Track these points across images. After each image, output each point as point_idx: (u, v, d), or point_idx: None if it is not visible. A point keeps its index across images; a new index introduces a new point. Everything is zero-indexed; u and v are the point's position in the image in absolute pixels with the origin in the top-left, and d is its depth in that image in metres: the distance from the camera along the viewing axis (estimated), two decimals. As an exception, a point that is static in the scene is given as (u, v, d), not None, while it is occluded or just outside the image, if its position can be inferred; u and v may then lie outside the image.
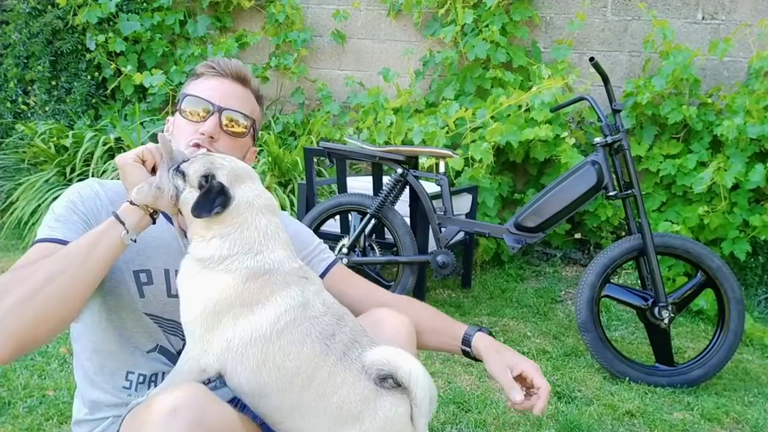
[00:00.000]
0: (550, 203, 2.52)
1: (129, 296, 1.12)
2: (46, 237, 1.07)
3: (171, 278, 1.13)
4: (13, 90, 4.48)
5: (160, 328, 1.15)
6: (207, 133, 1.16)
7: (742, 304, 2.33)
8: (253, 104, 1.24)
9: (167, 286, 1.14)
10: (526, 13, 3.80)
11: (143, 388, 1.15)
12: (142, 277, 1.13)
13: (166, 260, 1.14)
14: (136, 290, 1.12)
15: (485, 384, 2.26)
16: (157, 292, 1.13)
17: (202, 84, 1.21)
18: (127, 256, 1.09)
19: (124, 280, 1.12)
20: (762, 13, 3.59)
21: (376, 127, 3.74)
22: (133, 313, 1.13)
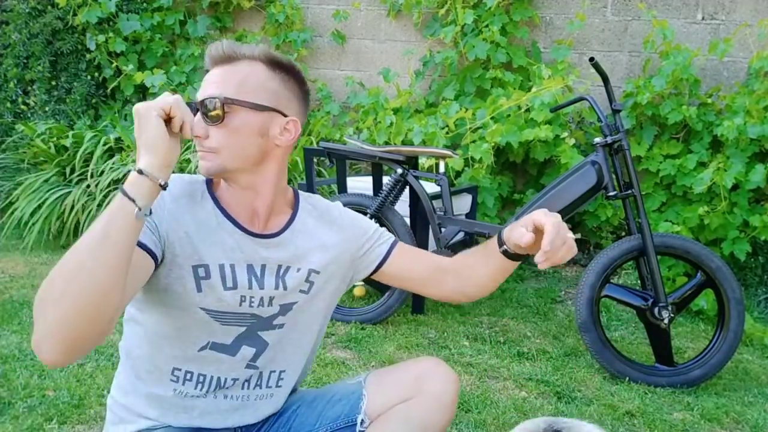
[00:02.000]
0: (549, 203, 2.51)
1: (185, 292, 1.11)
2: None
3: (226, 272, 1.12)
4: (13, 90, 4.48)
5: (216, 320, 1.14)
6: (194, 134, 1.05)
7: (742, 304, 2.33)
8: (246, 74, 1.10)
9: (223, 280, 1.12)
10: (526, 13, 3.80)
11: (190, 384, 1.16)
12: (200, 272, 1.11)
13: (221, 255, 1.12)
14: (194, 285, 1.11)
15: (485, 384, 2.26)
16: (213, 286, 1.12)
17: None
18: (186, 252, 1.09)
19: (182, 276, 1.10)
20: (762, 13, 3.59)
21: (376, 127, 3.74)
22: (188, 309, 1.12)
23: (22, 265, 3.40)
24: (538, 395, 2.20)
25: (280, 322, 1.19)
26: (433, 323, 2.86)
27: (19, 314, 2.63)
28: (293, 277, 1.19)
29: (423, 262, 1.30)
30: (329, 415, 1.25)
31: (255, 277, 1.15)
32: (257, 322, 1.17)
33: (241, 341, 1.16)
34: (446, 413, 1.21)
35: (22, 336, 2.41)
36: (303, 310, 1.22)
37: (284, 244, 1.18)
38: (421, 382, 1.21)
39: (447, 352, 2.53)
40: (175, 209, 1.10)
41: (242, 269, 1.14)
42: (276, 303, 1.18)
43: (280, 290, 1.17)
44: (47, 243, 3.78)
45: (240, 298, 1.14)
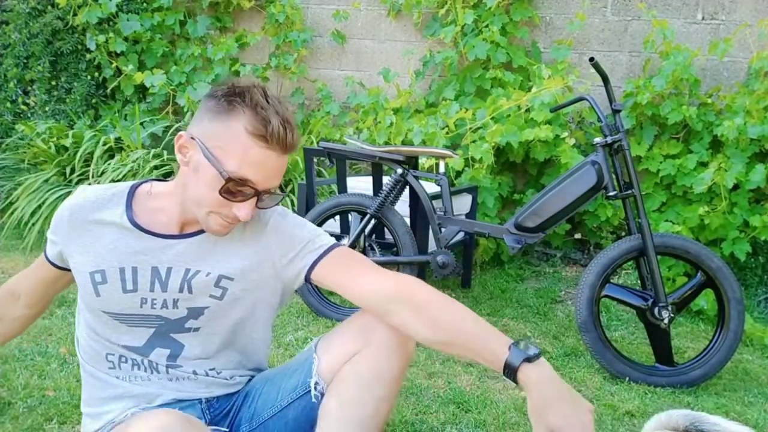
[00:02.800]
0: (550, 203, 2.52)
1: (88, 297, 1.19)
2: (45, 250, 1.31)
3: (126, 276, 1.17)
4: (13, 90, 4.48)
5: (121, 322, 1.19)
6: (243, 219, 1.12)
7: (742, 304, 2.32)
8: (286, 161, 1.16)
9: (122, 283, 1.17)
10: (526, 13, 3.80)
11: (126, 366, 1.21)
12: (96, 277, 1.18)
13: (122, 259, 1.18)
14: (92, 290, 1.18)
15: (485, 384, 2.26)
16: (112, 290, 1.17)
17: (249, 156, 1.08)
18: (85, 260, 1.19)
19: (83, 282, 1.20)
20: (762, 13, 3.59)
21: (376, 127, 3.74)
22: (93, 312, 1.21)
23: (22, 265, 3.40)
24: (538, 395, 2.20)
25: (194, 325, 1.20)
26: (433, 323, 2.85)
27: (19, 314, 2.63)
28: (201, 281, 1.18)
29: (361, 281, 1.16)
30: (287, 386, 1.24)
31: (159, 279, 1.17)
32: (165, 324, 1.19)
33: (153, 342, 1.20)
34: (397, 357, 1.15)
35: (22, 336, 2.41)
36: (220, 316, 1.20)
37: (198, 246, 1.19)
38: (368, 332, 1.16)
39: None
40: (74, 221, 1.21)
41: (146, 271, 1.17)
42: (182, 306, 1.18)
43: (185, 293, 1.18)
44: (47, 243, 3.77)
45: (141, 300, 1.17)
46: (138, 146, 3.89)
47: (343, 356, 1.17)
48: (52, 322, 2.57)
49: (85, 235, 1.20)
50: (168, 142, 4.05)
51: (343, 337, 1.19)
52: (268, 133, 1.07)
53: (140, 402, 1.20)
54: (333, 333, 1.25)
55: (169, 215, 1.20)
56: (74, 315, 2.67)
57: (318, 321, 2.80)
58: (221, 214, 1.12)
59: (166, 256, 1.18)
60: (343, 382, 1.15)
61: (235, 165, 1.08)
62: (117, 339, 1.20)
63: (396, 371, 1.16)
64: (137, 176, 3.65)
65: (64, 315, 2.67)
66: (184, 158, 1.14)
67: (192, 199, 1.14)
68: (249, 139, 1.08)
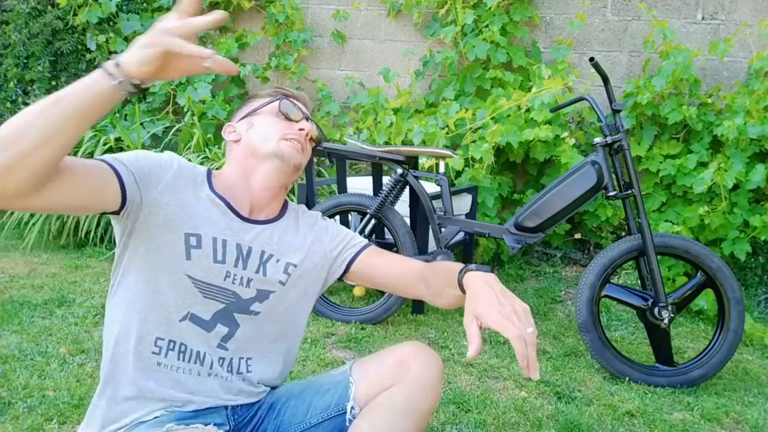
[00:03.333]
0: (550, 203, 2.52)
1: (174, 256, 1.16)
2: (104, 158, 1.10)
3: (218, 246, 1.19)
4: (13, 90, 4.49)
5: (200, 291, 1.19)
6: (309, 130, 1.29)
7: (742, 304, 2.33)
8: None
9: (214, 253, 1.19)
10: (526, 13, 3.80)
11: (173, 355, 1.19)
12: (192, 241, 1.17)
13: (214, 230, 1.20)
14: (183, 251, 1.16)
15: (485, 384, 2.26)
16: (204, 256, 1.18)
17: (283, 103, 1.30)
18: (180, 218, 1.16)
19: (172, 240, 1.15)
20: (762, 13, 3.59)
21: (376, 127, 3.74)
22: (174, 275, 1.16)
23: (22, 265, 3.40)
24: (538, 395, 2.20)
25: (256, 309, 1.25)
26: (433, 323, 2.86)
27: (19, 314, 2.63)
28: (273, 266, 1.26)
29: (394, 266, 1.36)
30: (319, 405, 1.28)
31: (242, 257, 1.22)
32: (236, 302, 1.22)
33: (217, 318, 1.21)
34: (430, 394, 1.24)
35: (22, 336, 2.41)
36: (279, 302, 1.27)
37: (270, 234, 1.27)
38: (404, 366, 1.25)
39: (447, 352, 2.53)
40: (175, 179, 1.18)
41: (232, 247, 1.21)
42: (253, 286, 1.24)
43: (260, 275, 1.24)
44: (47, 243, 3.78)
45: (225, 273, 1.20)
46: (138, 146, 3.89)
47: (379, 386, 1.25)
48: (52, 322, 2.57)
49: (184, 193, 1.19)
50: (168, 142, 4.06)
51: (381, 368, 1.28)
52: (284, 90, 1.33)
53: (169, 405, 1.19)
54: (369, 362, 1.32)
55: (240, 196, 1.25)
56: (74, 315, 2.67)
57: (318, 320, 2.80)
58: (287, 133, 1.26)
59: (247, 236, 1.24)
60: (378, 409, 1.23)
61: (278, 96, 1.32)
62: (187, 307, 1.18)
63: (426, 407, 1.24)
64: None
65: (64, 315, 2.67)
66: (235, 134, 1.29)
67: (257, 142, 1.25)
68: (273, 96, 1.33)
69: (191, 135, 3.93)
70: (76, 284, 3.11)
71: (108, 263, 3.48)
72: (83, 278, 3.21)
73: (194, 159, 3.69)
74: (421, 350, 1.27)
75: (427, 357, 1.26)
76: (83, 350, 2.32)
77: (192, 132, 3.94)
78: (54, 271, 3.30)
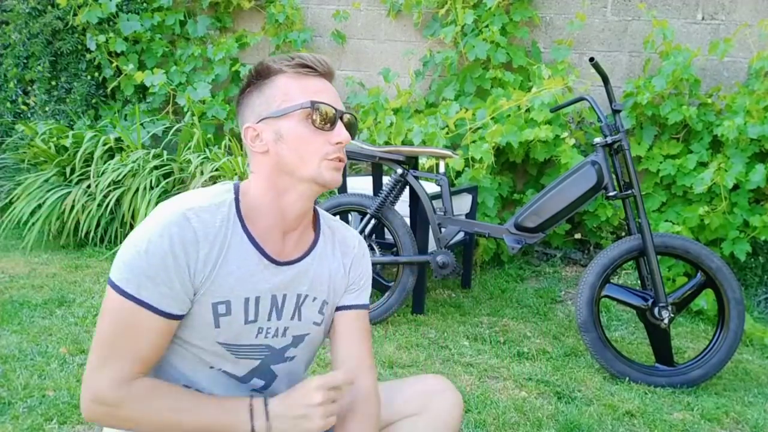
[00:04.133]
0: (550, 203, 2.52)
1: (202, 327, 1.06)
2: (136, 296, 0.98)
3: (250, 306, 1.07)
4: (13, 90, 4.49)
5: (231, 353, 1.10)
6: (346, 141, 1.08)
7: (742, 304, 2.33)
8: None
9: (245, 315, 1.07)
10: (526, 13, 3.80)
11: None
12: (220, 309, 1.05)
13: (248, 289, 1.07)
14: (212, 321, 1.05)
15: (485, 384, 2.26)
16: (234, 321, 1.07)
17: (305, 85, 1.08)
18: (208, 289, 1.03)
19: (200, 312, 1.04)
20: (762, 13, 3.59)
21: (376, 127, 3.74)
22: (202, 342, 1.07)
23: (22, 265, 3.40)
24: (538, 395, 2.20)
25: (291, 354, 1.17)
26: (433, 323, 2.86)
27: (19, 314, 2.63)
28: (309, 308, 1.15)
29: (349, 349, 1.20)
30: None
31: (276, 308, 1.11)
32: (270, 355, 1.14)
33: (253, 374, 1.14)
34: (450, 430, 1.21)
35: (22, 336, 2.41)
36: (312, 342, 1.20)
37: (305, 271, 1.14)
38: (428, 399, 1.21)
39: (447, 352, 2.53)
40: (205, 249, 1.03)
41: (266, 301, 1.10)
42: (289, 334, 1.15)
43: (295, 320, 1.14)
44: (47, 243, 3.78)
45: (257, 330, 1.10)
46: (138, 146, 3.89)
47: (402, 414, 1.22)
48: (52, 322, 2.57)
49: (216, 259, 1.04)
50: (168, 142, 4.06)
51: (405, 395, 1.24)
52: (304, 61, 1.08)
53: None
54: (393, 388, 1.27)
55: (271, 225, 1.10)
56: (74, 315, 2.67)
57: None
58: (328, 153, 1.07)
59: (282, 282, 1.11)
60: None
61: (304, 96, 1.07)
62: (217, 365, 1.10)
63: None
64: (137, 176, 3.65)
65: (64, 315, 2.67)
66: (261, 144, 1.08)
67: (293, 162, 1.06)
68: (296, 76, 1.08)
69: (191, 135, 3.93)
70: (76, 284, 3.11)
71: (108, 263, 3.48)
72: (83, 278, 3.21)
73: (194, 159, 3.69)
74: (448, 387, 1.23)
75: (454, 396, 1.22)
76: (83, 350, 2.32)
77: (192, 132, 3.94)
78: (54, 271, 3.30)
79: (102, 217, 3.67)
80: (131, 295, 0.98)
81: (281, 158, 1.07)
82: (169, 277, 0.99)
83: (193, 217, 1.02)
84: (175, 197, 1.08)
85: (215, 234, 1.04)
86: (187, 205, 1.03)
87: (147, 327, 0.99)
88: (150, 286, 0.98)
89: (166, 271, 0.99)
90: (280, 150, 1.07)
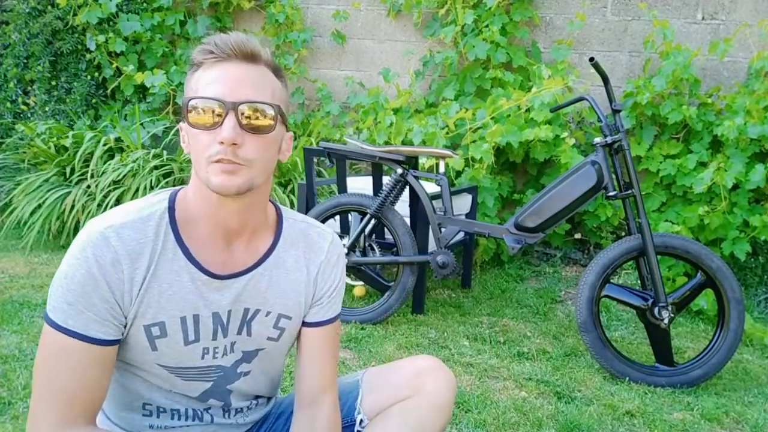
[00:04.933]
0: (550, 203, 2.52)
1: (140, 351, 1.00)
2: (62, 325, 0.92)
3: (188, 326, 1.00)
4: (13, 90, 4.49)
5: (177, 376, 1.04)
6: (227, 141, 0.91)
7: (742, 304, 2.33)
8: (272, 82, 0.99)
9: (184, 336, 1.01)
10: (526, 13, 3.80)
11: (165, 416, 1.08)
12: (154, 331, 0.99)
13: (183, 307, 0.99)
14: (147, 344, 0.99)
15: (485, 384, 2.26)
16: (171, 343, 1.00)
17: (204, 76, 0.95)
18: (136, 310, 0.96)
19: (135, 335, 0.98)
20: (762, 13, 3.59)
21: (376, 127, 3.74)
22: (144, 367, 1.02)
23: (22, 265, 3.40)
24: (538, 395, 2.20)
25: (245, 369, 1.11)
26: (433, 323, 2.86)
27: (19, 314, 2.63)
28: (260, 323, 1.07)
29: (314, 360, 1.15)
30: None
31: (222, 326, 1.03)
32: (223, 375, 1.08)
33: (208, 395, 1.09)
34: (444, 415, 1.20)
35: (22, 336, 2.41)
36: (270, 357, 1.13)
37: (255, 283, 1.05)
38: (420, 380, 1.20)
39: (447, 352, 2.53)
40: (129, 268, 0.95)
41: (207, 319, 1.02)
42: (238, 349, 1.08)
43: (243, 335, 1.06)
44: (47, 243, 3.78)
45: (202, 350, 1.03)
46: (138, 146, 3.90)
47: (394, 397, 1.20)
48: (52, 322, 2.57)
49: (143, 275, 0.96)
50: (168, 142, 4.06)
51: (398, 379, 1.21)
52: (213, 45, 0.94)
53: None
54: (383, 370, 1.25)
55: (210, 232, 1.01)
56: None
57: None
58: (211, 155, 0.92)
59: (225, 299, 1.02)
60: (390, 421, 1.18)
61: (194, 89, 0.95)
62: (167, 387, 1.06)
63: (439, 426, 1.20)
64: (137, 176, 3.65)
65: (64, 315, 2.67)
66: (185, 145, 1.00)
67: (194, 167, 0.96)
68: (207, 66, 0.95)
69: (191, 135, 3.93)
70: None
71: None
72: (83, 278, 3.21)
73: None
74: (439, 367, 1.22)
75: (445, 375, 1.21)
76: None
77: (192, 132, 3.94)
78: (54, 271, 3.30)
79: (102, 217, 3.66)
80: (59, 325, 0.92)
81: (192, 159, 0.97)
82: (91, 303, 0.92)
83: (113, 236, 0.94)
84: (105, 213, 1.00)
85: (139, 251, 0.95)
86: (108, 222, 0.95)
87: (78, 358, 0.92)
88: (73, 314, 0.92)
89: (87, 296, 0.92)
90: (190, 150, 0.98)
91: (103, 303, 0.93)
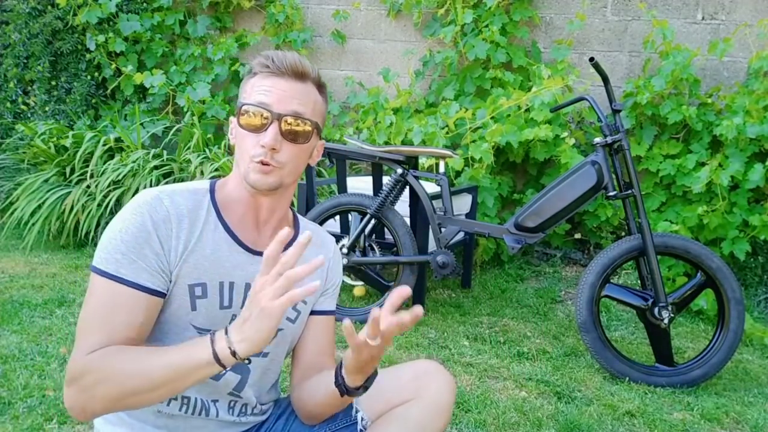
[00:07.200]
0: (550, 203, 2.52)
1: (179, 309, 1.09)
2: (114, 273, 1.02)
3: (224, 291, 1.11)
4: (13, 90, 4.49)
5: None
6: (267, 145, 1.06)
7: (742, 304, 2.33)
8: (315, 99, 1.13)
9: (220, 299, 1.11)
10: (526, 13, 3.80)
11: (175, 405, 1.13)
12: (196, 291, 1.09)
13: (222, 273, 1.10)
14: (188, 303, 1.09)
15: (485, 384, 2.26)
16: (209, 305, 1.10)
17: (258, 85, 1.10)
18: (183, 270, 1.07)
19: (177, 293, 1.08)
20: (762, 13, 3.59)
21: (376, 127, 3.74)
22: (178, 325, 1.10)
23: (22, 265, 3.40)
24: (538, 395, 2.20)
25: (266, 349, 1.18)
26: (433, 323, 2.86)
27: (19, 314, 2.63)
28: None
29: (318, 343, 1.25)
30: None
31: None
32: None
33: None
34: (444, 417, 1.22)
35: (22, 336, 2.41)
36: (284, 340, 1.21)
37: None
38: (420, 384, 1.21)
39: (447, 352, 2.53)
40: (177, 228, 1.07)
41: (241, 288, 1.12)
42: None
43: None
44: (47, 243, 3.78)
45: (232, 317, 1.12)
46: (138, 146, 3.90)
47: (396, 400, 1.22)
48: (52, 322, 2.57)
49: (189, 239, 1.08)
50: (168, 142, 4.06)
51: (398, 382, 1.24)
52: (270, 60, 1.10)
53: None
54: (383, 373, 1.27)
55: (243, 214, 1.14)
56: (74, 315, 2.67)
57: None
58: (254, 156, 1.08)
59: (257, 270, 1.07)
60: (392, 424, 1.21)
61: (250, 95, 1.10)
62: None
63: (439, 429, 1.22)
64: (137, 176, 3.65)
65: (64, 315, 2.67)
66: (231, 137, 1.15)
67: (237, 160, 1.12)
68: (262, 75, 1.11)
69: (191, 135, 3.93)
70: (76, 284, 3.11)
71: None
72: (83, 278, 3.21)
73: (194, 159, 3.69)
74: (440, 370, 1.24)
75: (445, 378, 1.23)
76: (83, 350, 2.32)
77: (192, 132, 3.94)
78: (54, 271, 3.30)
79: (102, 217, 3.67)
80: (110, 274, 1.02)
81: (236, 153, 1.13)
82: (143, 253, 1.03)
83: (166, 198, 1.08)
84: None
85: (188, 216, 1.09)
86: (162, 189, 1.10)
87: (125, 303, 1.02)
88: (126, 263, 1.02)
89: (139, 247, 1.03)
90: (236, 144, 1.13)
91: (154, 255, 1.04)
